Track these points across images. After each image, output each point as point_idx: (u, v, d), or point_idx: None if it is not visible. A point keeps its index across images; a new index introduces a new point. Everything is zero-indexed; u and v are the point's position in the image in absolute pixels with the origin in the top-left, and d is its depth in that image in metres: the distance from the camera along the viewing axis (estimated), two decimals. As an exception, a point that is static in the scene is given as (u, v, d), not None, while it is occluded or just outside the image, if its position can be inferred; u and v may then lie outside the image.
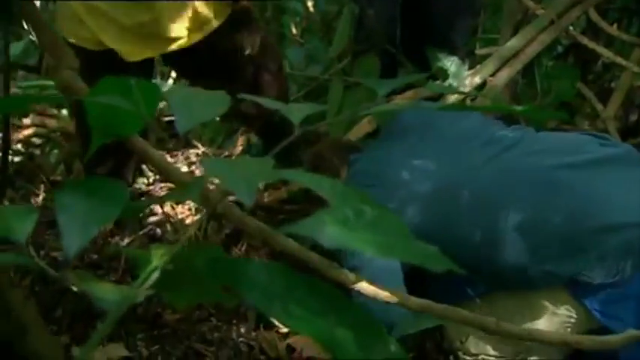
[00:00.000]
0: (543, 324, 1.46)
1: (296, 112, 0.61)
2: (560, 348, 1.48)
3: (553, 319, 1.46)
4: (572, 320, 1.45)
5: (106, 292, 0.52)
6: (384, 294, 0.62)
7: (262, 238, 0.59)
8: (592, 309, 1.40)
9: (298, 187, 2.00)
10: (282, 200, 2.13)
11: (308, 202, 1.39)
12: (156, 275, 0.55)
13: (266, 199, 2.13)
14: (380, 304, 1.27)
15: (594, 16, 2.16)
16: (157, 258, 0.57)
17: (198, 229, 1.98)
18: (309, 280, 0.52)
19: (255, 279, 0.50)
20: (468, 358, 1.57)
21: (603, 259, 1.36)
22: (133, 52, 1.83)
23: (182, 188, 0.66)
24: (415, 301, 0.63)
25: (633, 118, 2.61)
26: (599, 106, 2.23)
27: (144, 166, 2.45)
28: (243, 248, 2.02)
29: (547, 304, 1.46)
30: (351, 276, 0.61)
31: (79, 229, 0.52)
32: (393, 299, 0.65)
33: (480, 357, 1.55)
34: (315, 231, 0.42)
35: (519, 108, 0.62)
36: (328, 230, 0.43)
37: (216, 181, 0.56)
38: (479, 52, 2.24)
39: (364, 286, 0.64)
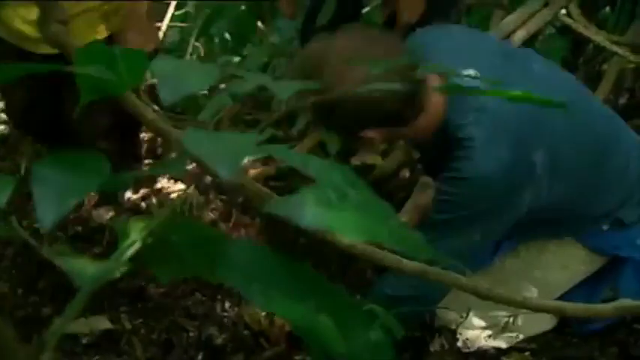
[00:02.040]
0: (555, 280, 1.51)
1: (283, 88, 0.59)
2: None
3: (564, 274, 1.50)
4: (582, 269, 1.49)
5: (83, 267, 0.51)
6: (378, 255, 0.61)
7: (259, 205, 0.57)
8: (614, 253, 1.47)
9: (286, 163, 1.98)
10: (268, 177, 2.11)
11: (296, 179, 1.33)
12: (134, 249, 0.53)
13: (251, 175, 2.11)
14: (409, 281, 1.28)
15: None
16: (136, 232, 0.55)
17: (184, 203, 1.97)
18: (291, 264, 0.51)
19: (235, 259, 0.49)
20: (466, 331, 1.57)
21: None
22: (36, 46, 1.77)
23: (166, 162, 0.65)
24: (409, 264, 0.62)
25: (622, 101, 2.61)
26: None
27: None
28: (231, 225, 2.01)
29: (557, 259, 1.49)
30: (360, 246, 0.59)
31: (55, 202, 0.50)
32: (389, 262, 0.64)
33: (476, 330, 1.58)
34: (294, 210, 0.41)
35: (514, 92, 0.60)
36: (309, 210, 0.42)
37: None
38: None
39: (358, 247, 0.62)
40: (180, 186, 2.24)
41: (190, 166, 1.91)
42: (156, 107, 2.16)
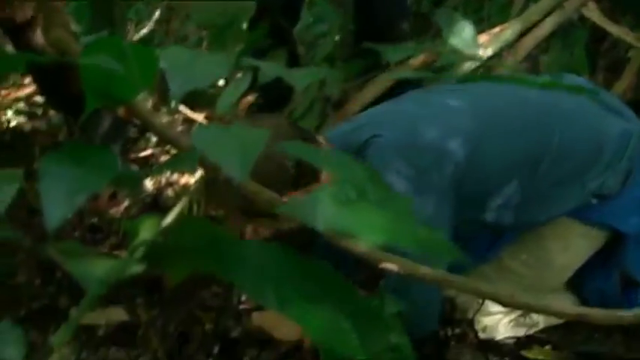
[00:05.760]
0: (560, 263, 1.51)
1: (300, 78, 0.56)
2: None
3: (567, 254, 1.50)
4: (584, 245, 1.50)
5: (90, 267, 0.49)
6: (395, 261, 0.58)
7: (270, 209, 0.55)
8: (608, 223, 1.47)
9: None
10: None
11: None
12: (144, 249, 0.51)
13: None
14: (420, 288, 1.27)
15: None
16: (146, 231, 0.53)
17: (199, 197, 1.95)
18: (306, 263, 0.49)
19: (247, 260, 0.46)
20: (483, 319, 1.57)
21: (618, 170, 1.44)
22: None
23: (179, 156, 0.63)
24: (431, 272, 0.60)
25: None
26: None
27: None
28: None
29: (557, 241, 1.49)
30: (362, 245, 0.57)
31: (63, 199, 0.48)
32: (407, 270, 0.61)
33: (494, 315, 1.57)
34: (309, 213, 0.38)
35: (541, 78, 0.57)
36: (325, 211, 0.39)
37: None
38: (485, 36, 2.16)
39: (372, 252, 0.59)
40: (196, 177, 2.23)
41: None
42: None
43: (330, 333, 0.44)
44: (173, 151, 2.36)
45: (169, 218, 0.53)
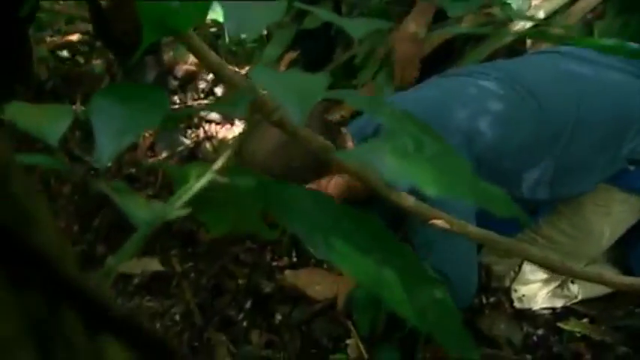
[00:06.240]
0: (599, 230, 1.50)
1: (356, 26, 0.54)
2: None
3: (608, 220, 1.49)
4: (624, 211, 1.49)
5: (139, 208, 0.49)
6: (445, 224, 0.57)
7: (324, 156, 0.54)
8: None
9: (350, 111, 1.93)
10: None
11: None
12: (191, 195, 0.51)
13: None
14: (457, 268, 1.27)
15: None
16: (194, 176, 0.53)
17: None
18: (357, 215, 0.48)
19: (299, 207, 0.45)
20: (521, 288, 1.56)
21: None
22: None
23: (230, 98, 0.62)
24: (477, 231, 0.58)
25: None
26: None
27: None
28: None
29: (597, 208, 1.48)
30: (411, 199, 0.55)
31: (115, 135, 0.47)
32: (455, 228, 0.60)
33: (533, 285, 1.56)
34: (375, 159, 0.37)
35: (608, 41, 0.55)
36: (388, 160, 0.38)
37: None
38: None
39: (421, 208, 0.58)
40: (235, 131, 2.23)
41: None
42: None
43: (376, 281, 0.43)
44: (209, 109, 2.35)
45: (218, 164, 0.52)
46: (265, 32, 2.31)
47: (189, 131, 2.24)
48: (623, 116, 1.39)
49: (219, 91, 2.53)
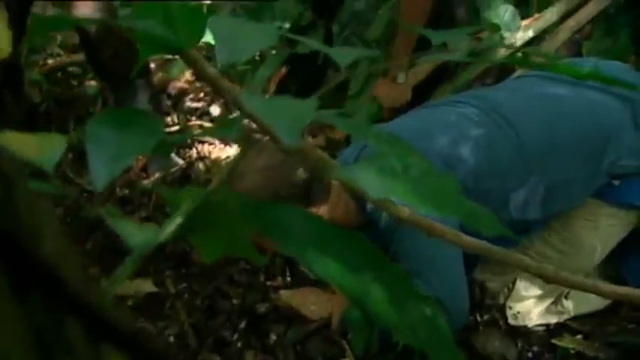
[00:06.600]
0: (589, 244, 1.52)
1: (343, 55, 0.56)
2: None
3: (596, 235, 1.51)
4: (612, 225, 1.51)
5: (133, 231, 0.49)
6: (438, 229, 0.58)
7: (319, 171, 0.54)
8: (629, 202, 1.47)
9: (340, 135, 1.96)
10: (319, 147, 2.09)
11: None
12: (183, 218, 0.52)
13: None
14: (446, 289, 1.28)
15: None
16: (187, 200, 0.54)
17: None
18: (346, 234, 0.49)
19: (290, 227, 0.46)
20: (515, 305, 1.57)
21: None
22: None
23: (224, 123, 0.63)
24: (472, 241, 0.58)
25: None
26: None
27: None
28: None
29: (586, 223, 1.50)
30: (406, 210, 0.56)
31: (109, 161, 0.48)
32: (449, 237, 0.61)
33: (527, 301, 1.58)
34: (361, 178, 0.38)
35: (583, 69, 0.56)
36: (374, 180, 0.39)
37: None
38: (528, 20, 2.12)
39: (417, 219, 0.58)
40: (228, 151, 2.24)
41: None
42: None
43: (366, 298, 0.44)
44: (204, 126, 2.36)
45: (212, 186, 0.53)
46: (258, 54, 2.33)
47: (182, 151, 2.25)
48: (602, 134, 1.41)
49: (213, 110, 2.55)
